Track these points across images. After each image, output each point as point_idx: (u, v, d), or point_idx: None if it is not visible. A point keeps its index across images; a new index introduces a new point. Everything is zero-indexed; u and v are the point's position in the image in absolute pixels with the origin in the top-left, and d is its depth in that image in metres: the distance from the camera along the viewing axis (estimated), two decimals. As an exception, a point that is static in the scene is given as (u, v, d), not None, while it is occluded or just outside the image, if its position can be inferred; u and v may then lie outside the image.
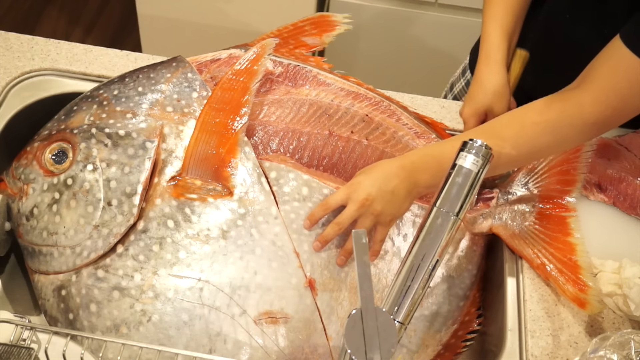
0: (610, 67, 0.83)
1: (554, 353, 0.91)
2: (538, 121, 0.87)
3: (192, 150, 0.91)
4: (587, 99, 0.85)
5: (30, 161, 0.94)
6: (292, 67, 1.05)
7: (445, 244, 0.71)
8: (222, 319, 0.86)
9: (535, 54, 1.09)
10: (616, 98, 0.83)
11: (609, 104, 0.84)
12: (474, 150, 0.71)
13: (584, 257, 0.95)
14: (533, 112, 0.89)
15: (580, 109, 0.85)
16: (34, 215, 0.92)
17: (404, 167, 0.89)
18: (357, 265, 0.64)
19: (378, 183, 0.88)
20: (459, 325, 1.00)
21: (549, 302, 0.95)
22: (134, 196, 0.89)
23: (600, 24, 0.99)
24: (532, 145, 0.88)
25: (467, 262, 1.02)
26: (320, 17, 1.10)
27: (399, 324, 0.69)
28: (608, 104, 0.84)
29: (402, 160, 0.90)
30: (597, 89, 0.84)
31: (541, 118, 0.87)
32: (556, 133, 0.87)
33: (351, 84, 1.07)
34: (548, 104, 0.88)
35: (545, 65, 1.11)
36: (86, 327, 0.87)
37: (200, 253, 0.88)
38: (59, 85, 1.11)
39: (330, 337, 0.91)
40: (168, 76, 0.98)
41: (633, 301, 0.91)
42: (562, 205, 1.00)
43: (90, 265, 0.88)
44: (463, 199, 0.71)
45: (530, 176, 1.03)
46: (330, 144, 1.02)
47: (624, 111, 0.85)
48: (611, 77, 0.83)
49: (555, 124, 0.86)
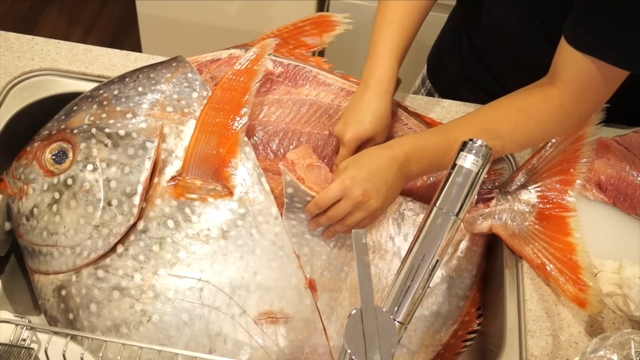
0: (573, 69, 0.88)
1: (554, 353, 0.91)
2: (528, 121, 0.91)
3: (192, 150, 0.91)
4: (566, 99, 0.90)
5: (30, 161, 0.94)
6: (292, 67, 1.05)
7: (445, 244, 0.71)
8: (222, 319, 0.86)
9: (481, 46, 1.17)
10: (589, 92, 0.89)
11: (586, 99, 0.90)
12: (474, 150, 0.71)
13: (584, 257, 0.95)
14: (522, 113, 0.91)
15: (564, 109, 0.90)
16: (34, 215, 0.92)
17: (396, 158, 0.88)
18: (357, 265, 0.64)
19: (373, 177, 0.87)
20: (459, 326, 1.00)
21: (549, 302, 0.95)
22: (134, 196, 0.89)
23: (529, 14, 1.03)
24: (524, 142, 0.94)
25: (467, 262, 1.02)
26: (320, 17, 1.10)
27: (399, 324, 0.69)
28: (586, 99, 0.90)
29: (392, 150, 0.89)
30: (572, 89, 0.89)
31: (531, 119, 0.91)
32: (547, 131, 0.93)
33: (351, 84, 1.07)
34: (533, 105, 0.91)
35: (489, 55, 1.17)
36: (86, 327, 0.87)
37: (200, 253, 0.88)
38: (59, 85, 1.11)
39: (330, 337, 0.91)
40: (168, 76, 0.98)
41: (633, 301, 0.91)
42: (562, 205, 1.00)
43: (90, 265, 0.88)
44: (463, 199, 0.71)
45: (530, 176, 1.03)
46: (330, 144, 1.02)
47: (600, 101, 0.92)
48: (578, 77, 0.88)
49: (545, 124, 0.91)
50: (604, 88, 0.89)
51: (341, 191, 0.87)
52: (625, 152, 1.08)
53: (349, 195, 0.87)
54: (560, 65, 0.89)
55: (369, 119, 0.97)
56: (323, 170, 0.92)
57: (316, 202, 0.89)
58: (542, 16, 1.01)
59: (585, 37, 0.85)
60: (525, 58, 1.08)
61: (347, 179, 0.87)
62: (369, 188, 0.86)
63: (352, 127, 0.97)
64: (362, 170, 0.87)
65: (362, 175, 0.87)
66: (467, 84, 1.25)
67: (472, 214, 1.01)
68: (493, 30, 1.11)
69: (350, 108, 0.99)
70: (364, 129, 0.96)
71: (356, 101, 0.99)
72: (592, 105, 0.92)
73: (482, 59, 1.19)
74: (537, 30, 1.03)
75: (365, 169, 0.87)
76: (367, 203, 0.87)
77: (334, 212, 0.89)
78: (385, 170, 0.87)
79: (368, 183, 0.86)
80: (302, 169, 0.90)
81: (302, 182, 0.89)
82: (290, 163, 0.90)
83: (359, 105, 0.98)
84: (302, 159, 0.91)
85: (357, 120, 0.97)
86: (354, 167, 0.88)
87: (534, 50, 1.05)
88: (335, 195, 0.87)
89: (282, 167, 0.89)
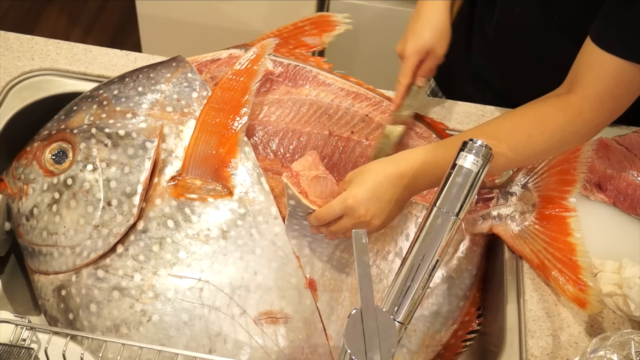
0: (597, 73, 0.85)
1: (554, 353, 0.91)
2: (543, 130, 0.87)
3: (192, 150, 0.91)
4: (585, 107, 0.86)
5: (30, 161, 0.94)
6: (292, 67, 1.05)
7: (445, 244, 0.71)
8: (222, 319, 0.86)
9: (495, 42, 1.13)
10: (610, 100, 0.86)
11: (605, 107, 0.86)
12: (474, 150, 0.71)
13: (584, 257, 0.95)
14: (537, 122, 0.87)
15: (582, 117, 0.87)
16: (34, 215, 0.92)
17: (403, 175, 0.84)
18: (357, 265, 0.64)
19: (376, 195, 0.84)
20: (459, 325, 1.00)
21: (549, 302, 0.95)
22: (134, 196, 0.89)
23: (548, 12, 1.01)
24: (539, 152, 0.90)
25: (467, 262, 1.02)
26: (320, 17, 1.10)
27: (399, 324, 0.69)
28: (605, 107, 0.86)
29: (398, 167, 0.85)
30: (592, 96, 0.85)
31: (546, 128, 0.87)
32: (562, 141, 0.89)
33: (351, 84, 1.07)
34: (549, 113, 0.87)
35: (500, 50, 1.14)
36: (86, 327, 0.87)
37: (200, 253, 0.88)
38: (59, 85, 1.11)
39: (330, 337, 0.91)
40: (168, 76, 0.98)
41: (633, 301, 0.91)
42: (562, 205, 1.00)
43: (90, 265, 0.88)
44: (463, 199, 0.71)
45: (530, 176, 1.03)
46: (330, 144, 1.02)
47: (618, 110, 0.88)
48: (601, 82, 0.85)
49: (562, 133, 0.87)
50: (626, 96, 0.86)
51: (342, 210, 0.84)
52: (625, 152, 1.08)
53: (351, 215, 0.84)
54: (582, 69, 0.86)
55: (426, 30, 0.97)
56: (329, 182, 0.90)
57: (317, 217, 0.87)
58: (561, 11, 0.99)
59: (613, 35, 0.82)
60: (539, 54, 1.07)
61: (349, 198, 0.84)
62: (371, 207, 0.84)
63: (409, 41, 0.97)
64: (365, 188, 0.84)
65: (365, 194, 0.83)
66: (475, 81, 1.24)
67: (472, 214, 1.01)
68: (508, 24, 1.09)
69: (409, 23, 0.99)
70: (423, 40, 0.97)
71: (415, 15, 0.99)
72: (610, 115, 0.88)
73: (493, 54, 1.17)
74: (554, 26, 1.01)
75: (368, 188, 0.84)
76: (369, 222, 0.85)
77: (336, 227, 0.87)
78: (389, 188, 0.84)
79: (370, 202, 0.83)
80: (306, 181, 0.88)
81: (304, 196, 0.87)
82: (294, 175, 0.88)
83: (417, 19, 0.99)
84: (307, 170, 0.89)
85: (414, 33, 0.97)
86: (357, 184, 0.85)
87: (548, 47, 1.03)
88: (336, 213, 0.85)
89: (286, 180, 0.87)
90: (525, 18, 1.05)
